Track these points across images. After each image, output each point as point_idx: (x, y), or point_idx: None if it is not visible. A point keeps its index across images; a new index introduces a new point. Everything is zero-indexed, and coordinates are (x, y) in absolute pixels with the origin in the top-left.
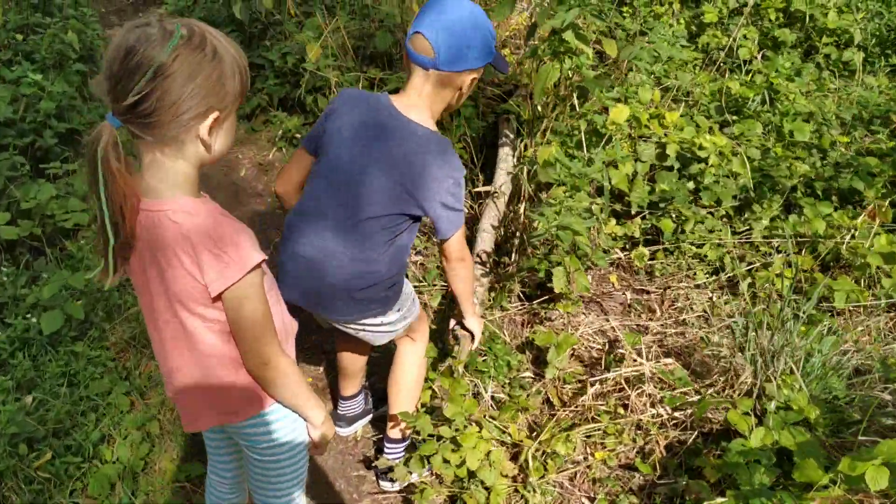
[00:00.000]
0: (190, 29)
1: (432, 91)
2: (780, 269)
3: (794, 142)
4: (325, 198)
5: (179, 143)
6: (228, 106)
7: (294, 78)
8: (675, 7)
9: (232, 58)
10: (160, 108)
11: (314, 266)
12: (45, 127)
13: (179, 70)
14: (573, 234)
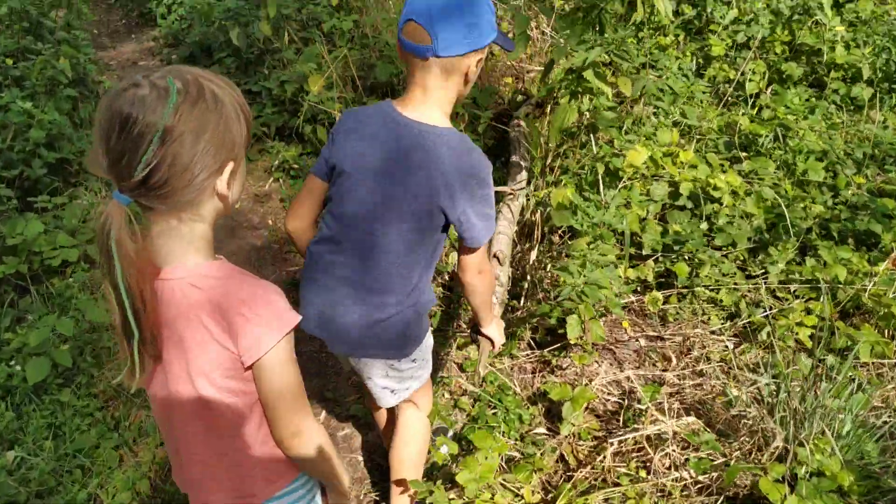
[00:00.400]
0: (183, 80)
1: (437, 83)
2: (800, 316)
3: (808, 180)
4: (344, 231)
5: (196, 205)
6: (240, 151)
7: (292, 107)
8: (680, 39)
9: (231, 98)
10: (173, 175)
11: (335, 301)
12: (34, 156)
13: (186, 129)
14: (598, 288)
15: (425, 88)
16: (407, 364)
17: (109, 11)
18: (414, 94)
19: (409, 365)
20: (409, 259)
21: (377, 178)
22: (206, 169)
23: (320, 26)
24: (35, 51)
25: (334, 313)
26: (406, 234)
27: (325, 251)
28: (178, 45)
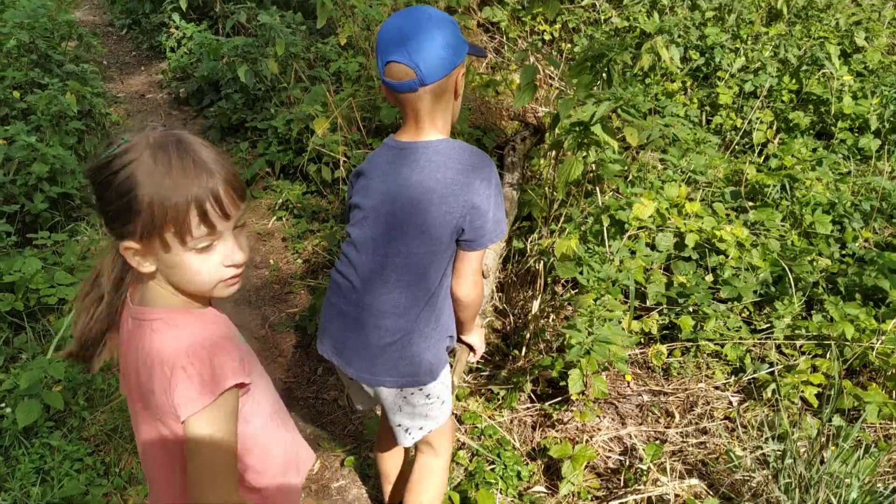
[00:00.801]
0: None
1: (432, 108)
2: (806, 374)
3: (815, 233)
4: (358, 256)
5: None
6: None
7: (298, 145)
8: (688, 85)
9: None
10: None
11: (348, 325)
12: (36, 191)
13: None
14: (607, 345)
15: (420, 118)
16: (420, 399)
17: (119, 43)
18: (410, 126)
19: (423, 401)
20: (418, 281)
21: (385, 203)
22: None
23: (328, 65)
24: (43, 84)
25: (348, 336)
26: (416, 255)
27: (340, 276)
28: (187, 79)
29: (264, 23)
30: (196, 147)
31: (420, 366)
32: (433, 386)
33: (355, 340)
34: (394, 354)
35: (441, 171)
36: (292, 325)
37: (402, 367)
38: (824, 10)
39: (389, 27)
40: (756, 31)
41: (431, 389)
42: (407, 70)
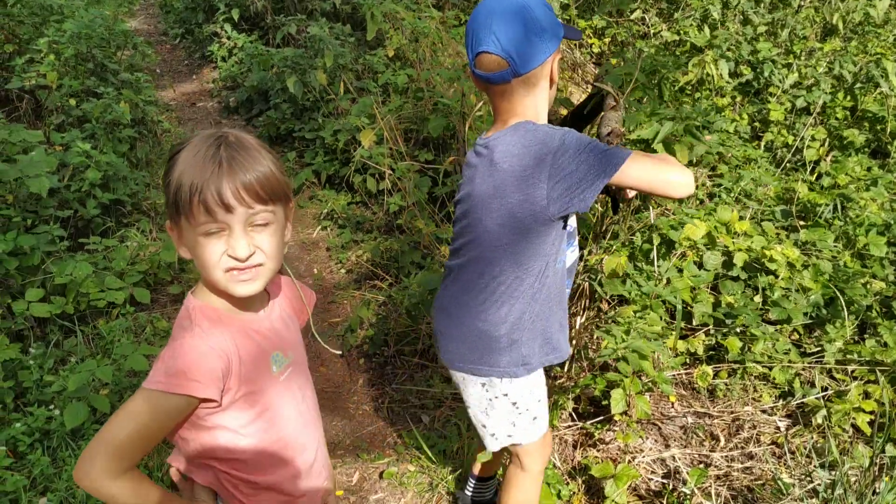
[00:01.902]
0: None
1: (524, 99)
2: (858, 400)
3: (868, 254)
4: (455, 242)
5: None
6: (168, 217)
7: (344, 156)
8: (737, 100)
9: (185, 167)
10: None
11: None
12: (89, 196)
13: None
14: (639, 358)
15: (512, 111)
16: (501, 398)
17: (172, 52)
18: (499, 122)
19: (505, 403)
20: (499, 261)
21: (473, 196)
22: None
23: (376, 77)
24: (98, 93)
25: (439, 319)
26: (498, 237)
27: (447, 264)
28: (236, 88)
29: (314, 34)
30: (235, 146)
31: (492, 349)
32: (516, 388)
33: (442, 323)
34: (466, 333)
35: (513, 154)
36: (334, 335)
37: (473, 347)
38: (882, 25)
39: (479, 14)
40: (810, 47)
41: (515, 393)
42: (499, 61)
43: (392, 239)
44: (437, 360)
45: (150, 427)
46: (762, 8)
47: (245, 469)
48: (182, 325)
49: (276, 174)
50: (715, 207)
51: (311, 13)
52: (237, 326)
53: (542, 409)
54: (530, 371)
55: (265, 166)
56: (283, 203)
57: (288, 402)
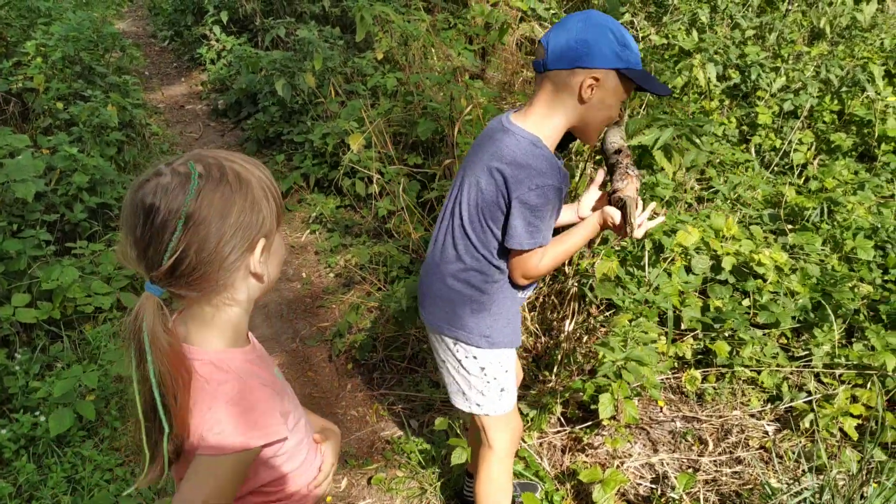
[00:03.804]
0: (205, 164)
1: (548, 96)
2: (846, 404)
3: (856, 258)
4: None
5: (231, 289)
6: (271, 230)
7: (333, 159)
8: (725, 104)
9: (258, 178)
10: (202, 260)
11: (424, 267)
12: (76, 200)
13: (210, 212)
14: (639, 366)
15: (538, 103)
16: (470, 361)
17: (161, 54)
18: (529, 106)
19: (474, 367)
20: (478, 229)
21: (465, 166)
22: (235, 249)
23: (365, 80)
24: (85, 96)
25: (422, 277)
26: (474, 208)
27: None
28: (225, 91)
29: (303, 37)
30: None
31: (462, 313)
32: (484, 354)
33: (423, 280)
34: (440, 291)
35: (506, 157)
36: (323, 339)
37: (446, 307)
38: (868, 30)
39: (572, 17)
40: (798, 51)
41: (484, 358)
42: (541, 49)
43: (381, 243)
44: (425, 364)
45: (234, 489)
46: (750, 12)
47: (285, 487)
48: (212, 381)
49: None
50: (708, 214)
51: (300, 16)
52: (252, 355)
53: (507, 377)
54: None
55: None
56: None
57: (297, 408)
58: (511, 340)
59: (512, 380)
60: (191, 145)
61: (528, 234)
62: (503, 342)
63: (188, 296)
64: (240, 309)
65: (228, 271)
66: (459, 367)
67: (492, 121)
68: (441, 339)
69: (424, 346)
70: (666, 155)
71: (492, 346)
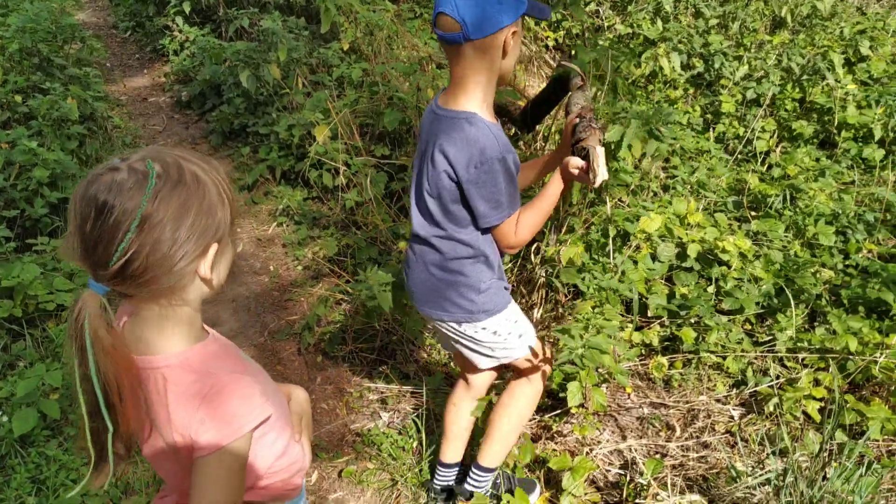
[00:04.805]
0: (163, 162)
1: (472, 66)
2: (809, 387)
3: (818, 244)
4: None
5: (179, 291)
6: (225, 232)
7: (300, 151)
8: (690, 93)
9: (214, 181)
10: (153, 263)
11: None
12: (36, 196)
13: (166, 215)
14: (600, 353)
15: (462, 77)
16: (482, 333)
17: (123, 45)
18: (451, 86)
19: (486, 335)
20: (441, 219)
21: (415, 162)
22: (189, 254)
23: (330, 70)
24: (44, 89)
25: (408, 274)
26: (435, 199)
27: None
28: (189, 83)
29: (267, 28)
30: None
31: (473, 300)
32: (489, 320)
33: (408, 271)
34: (426, 280)
35: (455, 145)
36: (291, 332)
37: (456, 297)
38: (828, 19)
39: None
40: (760, 40)
41: (489, 323)
42: (453, 23)
43: (349, 235)
44: (395, 356)
45: (242, 480)
46: (713, 1)
47: (285, 470)
48: (182, 384)
49: None
50: (671, 200)
51: (264, 6)
52: (213, 346)
53: (512, 326)
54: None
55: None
56: None
57: (271, 383)
58: (506, 299)
59: (524, 321)
60: (154, 138)
61: (493, 210)
62: (501, 305)
63: (134, 295)
64: (189, 308)
65: (178, 275)
66: (474, 342)
67: (425, 111)
68: (446, 326)
69: (394, 338)
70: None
71: (494, 313)
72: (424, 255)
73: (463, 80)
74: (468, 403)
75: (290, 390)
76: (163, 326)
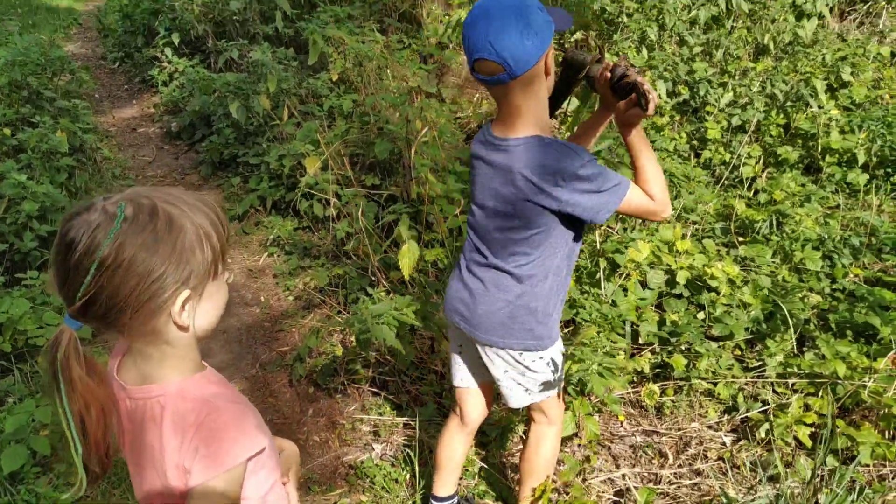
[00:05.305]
0: (137, 204)
1: (523, 97)
2: (799, 413)
3: (805, 268)
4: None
5: (152, 332)
6: (200, 280)
7: (290, 181)
8: (676, 119)
9: (196, 225)
10: (113, 305)
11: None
12: (25, 229)
13: (127, 258)
14: (612, 375)
15: (516, 108)
16: (538, 363)
17: (112, 76)
18: (504, 117)
19: (541, 365)
20: (511, 250)
21: (483, 190)
22: (154, 297)
23: (321, 101)
24: (34, 122)
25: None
26: (501, 233)
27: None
28: (178, 113)
29: (256, 59)
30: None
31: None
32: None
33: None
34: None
35: (528, 166)
36: (283, 364)
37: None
38: (810, 45)
39: (473, 21)
40: (744, 67)
41: (552, 351)
42: (495, 66)
43: (340, 265)
44: (387, 387)
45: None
46: (697, 28)
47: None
48: (178, 413)
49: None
50: (657, 227)
51: (253, 37)
52: (213, 377)
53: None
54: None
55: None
56: None
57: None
58: (558, 327)
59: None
60: (144, 169)
61: (609, 195)
62: (557, 333)
63: (106, 332)
64: (173, 347)
65: (145, 317)
66: (526, 371)
67: (476, 141)
68: (500, 354)
69: (386, 369)
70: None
71: (555, 340)
72: (499, 283)
73: (517, 110)
74: (462, 438)
75: (280, 443)
76: (155, 360)
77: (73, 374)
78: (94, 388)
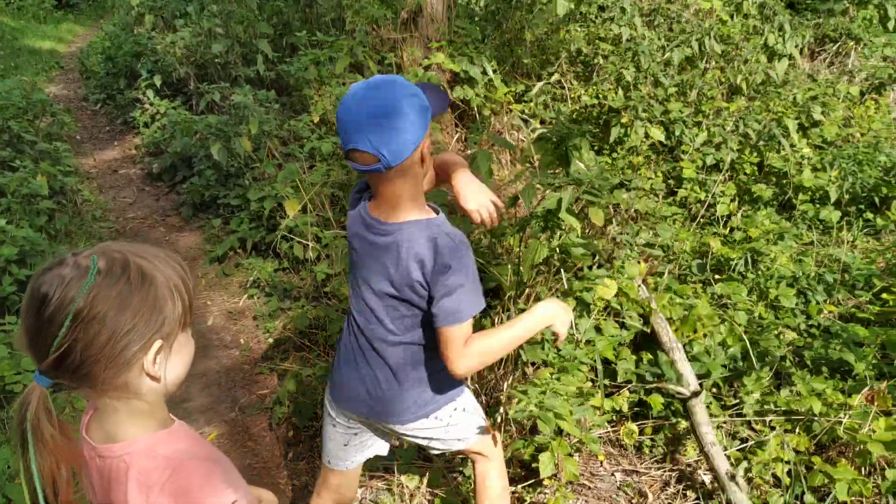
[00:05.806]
0: (109, 258)
1: (399, 185)
2: (776, 451)
3: (780, 305)
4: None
5: (124, 386)
6: (172, 331)
7: (270, 222)
8: (652, 159)
9: (166, 277)
10: (88, 358)
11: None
12: (4, 273)
13: (102, 310)
14: (555, 417)
15: (392, 195)
16: (457, 415)
17: (93, 118)
18: (382, 202)
19: (458, 415)
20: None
21: (363, 272)
22: (127, 349)
23: (302, 143)
24: (14, 166)
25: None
26: (395, 315)
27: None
28: (160, 155)
29: (238, 101)
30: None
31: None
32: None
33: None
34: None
35: (416, 250)
36: (263, 407)
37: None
38: (782, 85)
39: (347, 109)
40: (717, 107)
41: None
42: (371, 157)
43: (320, 306)
44: None
45: None
46: (671, 69)
47: None
48: (144, 472)
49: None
50: (623, 264)
51: (234, 80)
52: (181, 432)
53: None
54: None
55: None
56: None
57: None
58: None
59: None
60: (124, 210)
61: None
62: (459, 383)
63: (79, 388)
64: (142, 402)
65: (119, 370)
66: (448, 428)
67: (352, 217)
68: (417, 427)
69: None
70: (570, 213)
71: (460, 392)
72: (389, 359)
73: (394, 197)
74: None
75: (259, 493)
76: (121, 418)
77: (45, 433)
78: (65, 447)
